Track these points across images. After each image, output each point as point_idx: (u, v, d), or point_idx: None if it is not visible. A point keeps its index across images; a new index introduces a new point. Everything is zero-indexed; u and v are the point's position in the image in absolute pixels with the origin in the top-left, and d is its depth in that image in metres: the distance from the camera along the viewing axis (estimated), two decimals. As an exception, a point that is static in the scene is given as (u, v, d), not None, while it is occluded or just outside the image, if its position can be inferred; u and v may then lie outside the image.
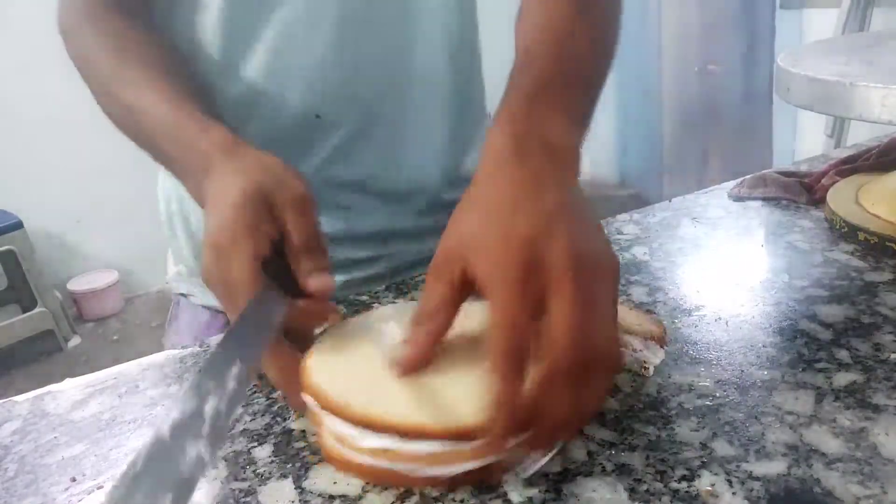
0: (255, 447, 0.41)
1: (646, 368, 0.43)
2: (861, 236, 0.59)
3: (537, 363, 0.33)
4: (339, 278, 0.67)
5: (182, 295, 0.72)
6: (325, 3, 0.59)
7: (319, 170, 0.63)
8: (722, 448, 0.36)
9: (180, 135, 0.50)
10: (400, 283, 0.61)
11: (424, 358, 0.38)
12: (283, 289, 0.42)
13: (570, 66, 0.47)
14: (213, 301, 0.64)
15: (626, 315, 0.45)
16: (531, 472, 0.35)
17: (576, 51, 0.48)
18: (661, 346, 0.43)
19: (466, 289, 0.37)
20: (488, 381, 0.33)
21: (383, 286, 0.61)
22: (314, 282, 0.42)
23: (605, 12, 0.55)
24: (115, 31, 0.58)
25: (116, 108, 0.56)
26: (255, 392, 0.46)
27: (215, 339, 0.55)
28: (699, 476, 0.35)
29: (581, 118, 0.45)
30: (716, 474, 0.35)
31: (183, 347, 0.54)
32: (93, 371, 0.52)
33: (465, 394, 0.35)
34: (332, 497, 0.36)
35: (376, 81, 0.62)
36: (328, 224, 0.63)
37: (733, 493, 0.33)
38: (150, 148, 0.53)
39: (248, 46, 0.60)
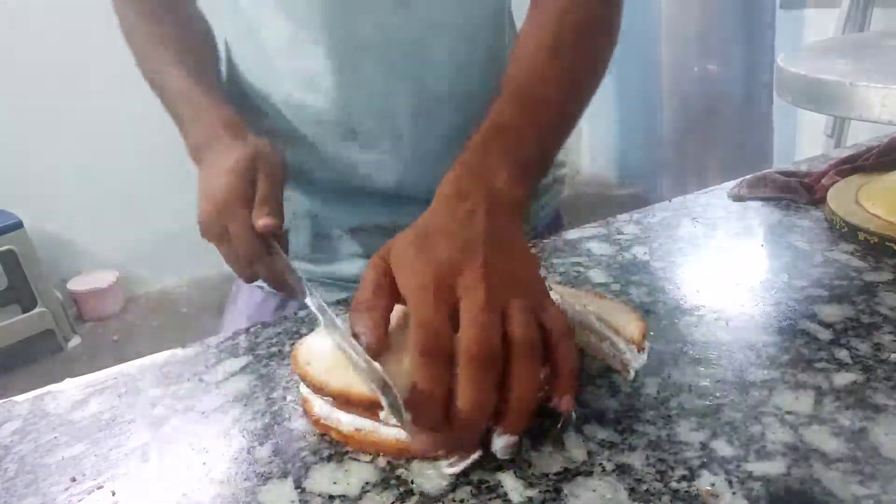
0: (255, 447, 0.41)
1: (627, 371, 0.43)
2: (861, 236, 0.59)
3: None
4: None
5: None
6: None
7: (352, 178, 0.67)
8: (722, 448, 0.36)
9: (192, 102, 0.61)
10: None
11: (379, 343, 0.38)
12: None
13: (532, 111, 0.51)
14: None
15: (615, 316, 0.45)
16: (456, 468, 0.36)
17: (543, 95, 0.52)
18: (640, 351, 0.43)
19: (394, 286, 0.40)
20: (414, 378, 0.36)
21: None
22: (261, 220, 0.52)
23: (586, 56, 0.57)
24: (153, 14, 0.67)
25: (147, 71, 0.66)
26: (254, 393, 0.47)
27: (214, 340, 0.55)
28: (699, 476, 0.35)
29: (531, 165, 0.49)
30: (716, 474, 0.35)
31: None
32: (93, 371, 0.52)
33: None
34: (331, 497, 0.36)
35: (409, 97, 0.64)
36: (372, 217, 0.70)
37: (733, 493, 0.33)
38: (169, 107, 0.63)
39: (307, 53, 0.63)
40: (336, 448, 0.40)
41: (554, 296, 0.48)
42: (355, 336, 0.39)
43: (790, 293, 0.52)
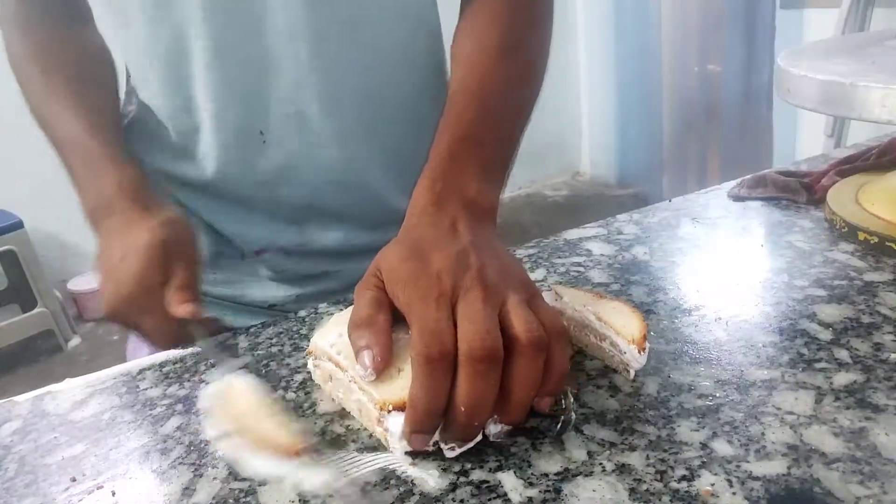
0: (255, 447, 0.41)
1: (627, 371, 0.43)
2: (861, 236, 0.59)
3: None
4: (292, 292, 0.67)
5: None
6: (262, 16, 0.57)
7: (266, 186, 0.62)
8: (722, 448, 0.36)
9: (92, 160, 0.56)
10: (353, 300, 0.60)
11: (387, 355, 0.39)
12: None
13: (493, 117, 0.52)
14: None
15: (615, 316, 0.45)
16: (456, 452, 0.37)
17: (496, 96, 0.53)
18: (641, 351, 0.43)
19: (389, 300, 0.40)
20: (413, 389, 0.36)
21: (334, 300, 0.59)
22: (181, 308, 0.51)
23: (532, 51, 0.58)
24: (46, 39, 0.61)
25: (35, 109, 0.61)
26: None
27: (214, 340, 0.55)
28: (699, 476, 0.35)
29: (496, 170, 0.51)
30: (716, 474, 0.35)
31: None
32: (93, 371, 0.52)
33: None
34: (332, 497, 0.36)
35: (317, 99, 0.60)
36: (283, 238, 0.65)
37: (733, 493, 0.33)
38: (62, 156, 0.59)
39: (185, 63, 0.58)
40: (336, 448, 0.40)
41: (553, 296, 0.49)
42: (358, 352, 0.39)
43: (790, 293, 0.52)
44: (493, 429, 0.38)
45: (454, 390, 0.36)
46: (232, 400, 0.41)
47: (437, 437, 0.37)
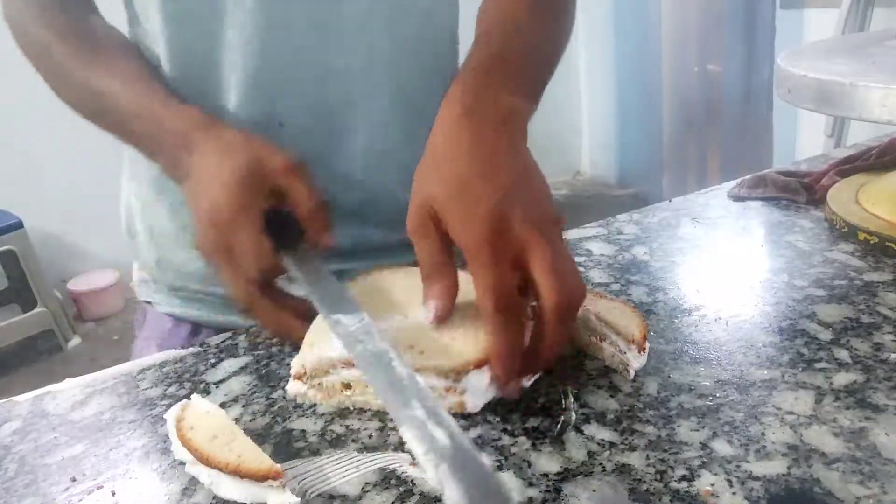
0: (255, 447, 0.41)
1: (627, 371, 0.43)
2: (861, 236, 0.59)
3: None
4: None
5: (147, 302, 0.71)
6: (288, 12, 0.57)
7: None
8: (722, 448, 0.36)
9: (154, 113, 0.52)
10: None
11: (451, 307, 0.42)
12: (283, 243, 0.48)
13: (523, 48, 0.51)
14: (175, 309, 0.67)
15: (615, 316, 0.45)
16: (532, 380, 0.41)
17: (528, 38, 0.53)
18: (641, 351, 0.43)
19: (448, 239, 0.41)
20: (488, 341, 0.38)
21: None
22: (324, 240, 0.49)
23: (557, 13, 0.59)
24: (66, 21, 0.59)
25: (78, 92, 0.57)
26: (254, 393, 0.47)
27: (214, 340, 0.55)
28: (699, 476, 0.35)
29: (530, 93, 0.49)
30: (716, 474, 0.35)
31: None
32: (93, 371, 0.52)
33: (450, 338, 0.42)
34: (332, 497, 0.36)
35: (339, 94, 0.60)
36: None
37: (733, 493, 0.33)
38: (118, 128, 0.56)
39: (210, 50, 0.58)
40: (336, 448, 0.40)
41: None
42: (427, 300, 0.42)
43: (790, 293, 0.52)
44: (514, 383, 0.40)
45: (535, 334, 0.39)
46: (196, 424, 0.40)
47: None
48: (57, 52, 0.58)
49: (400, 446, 0.39)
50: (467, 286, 0.40)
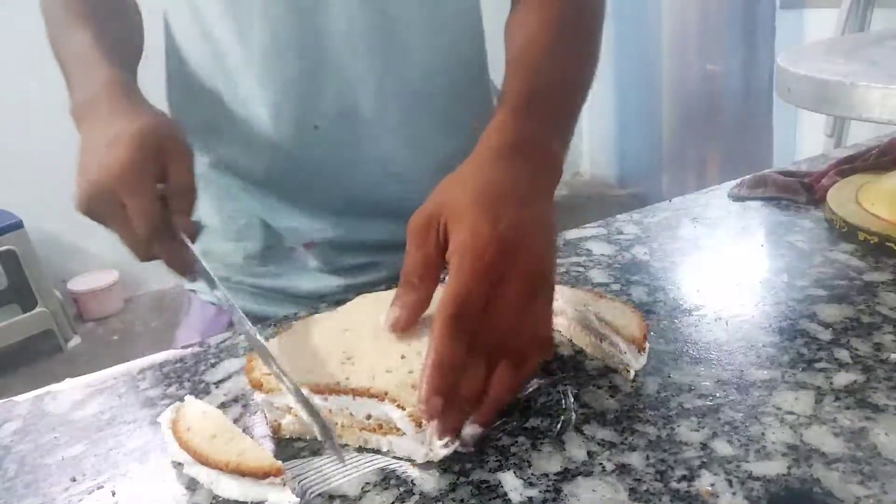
0: (255, 447, 0.41)
1: (627, 371, 0.43)
2: (861, 236, 0.59)
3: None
4: (339, 282, 0.67)
5: (192, 291, 0.74)
6: (321, 13, 0.58)
7: (317, 180, 0.64)
8: (722, 448, 0.36)
9: (89, 64, 0.55)
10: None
11: (414, 320, 0.42)
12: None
13: (552, 80, 0.52)
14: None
15: (616, 316, 0.45)
16: (441, 455, 0.37)
17: (557, 66, 0.53)
18: (641, 351, 0.43)
19: (444, 252, 0.40)
20: (430, 347, 0.36)
21: (383, 286, 0.60)
22: (180, 221, 0.49)
23: (590, 30, 0.59)
24: None
25: (54, 38, 0.60)
26: (255, 393, 0.46)
27: (214, 340, 0.55)
28: (699, 476, 0.35)
29: (563, 129, 0.51)
30: (716, 474, 0.35)
31: (184, 347, 0.54)
32: (93, 371, 0.52)
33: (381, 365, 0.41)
34: (332, 497, 0.36)
35: (372, 95, 0.61)
36: (332, 231, 0.66)
37: (733, 493, 0.33)
38: (65, 69, 0.58)
39: (246, 56, 0.60)
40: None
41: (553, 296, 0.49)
42: (393, 304, 0.42)
43: (790, 293, 0.52)
44: (442, 451, 0.37)
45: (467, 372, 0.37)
46: (193, 425, 0.40)
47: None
48: (58, 10, 0.61)
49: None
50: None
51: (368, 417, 0.39)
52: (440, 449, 0.37)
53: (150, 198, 0.47)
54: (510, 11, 0.61)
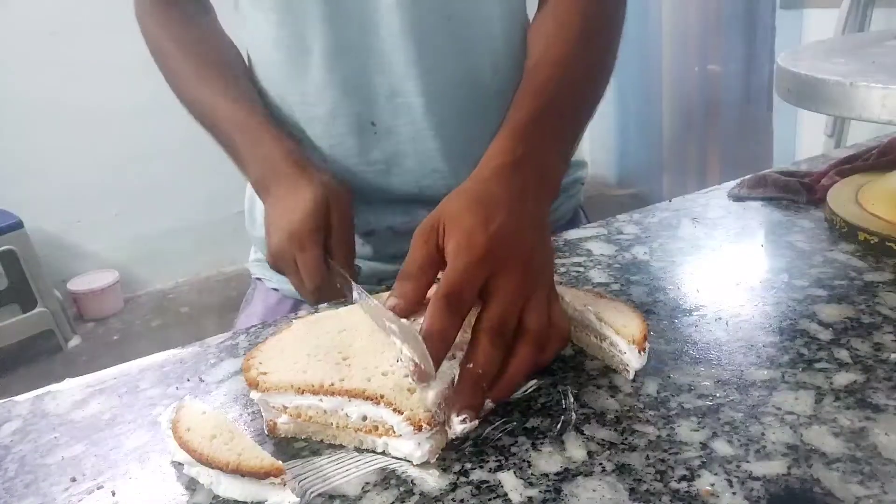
0: (255, 447, 0.41)
1: (627, 371, 0.43)
2: (861, 236, 0.59)
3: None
4: (396, 268, 0.69)
5: (258, 279, 0.78)
6: (376, 16, 0.61)
7: (375, 174, 0.67)
8: (722, 448, 0.36)
9: (253, 136, 0.61)
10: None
11: (411, 309, 0.43)
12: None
13: (570, 92, 0.56)
14: (283, 285, 0.73)
15: (615, 316, 0.45)
16: (458, 432, 0.38)
17: (575, 80, 0.57)
18: (641, 351, 0.43)
19: (443, 254, 0.43)
20: (426, 319, 0.39)
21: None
22: (342, 269, 0.55)
23: (607, 41, 0.63)
24: (176, 21, 0.67)
25: (190, 102, 0.66)
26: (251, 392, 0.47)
27: (214, 340, 0.55)
28: (699, 476, 0.35)
29: (569, 147, 0.56)
30: (716, 474, 0.35)
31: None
32: (93, 371, 0.52)
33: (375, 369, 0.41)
34: (332, 497, 0.36)
35: (427, 91, 0.64)
36: (391, 219, 0.70)
37: (733, 493, 0.33)
38: (221, 139, 0.64)
39: (303, 58, 0.63)
40: (336, 448, 0.40)
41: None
42: (391, 296, 0.43)
43: (790, 293, 0.52)
44: (459, 427, 0.37)
45: (468, 355, 0.40)
46: (193, 425, 0.40)
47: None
48: (173, 58, 0.67)
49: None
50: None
51: (364, 419, 0.39)
52: (458, 425, 0.37)
53: (317, 256, 0.56)
54: (536, 12, 0.64)
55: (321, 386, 0.40)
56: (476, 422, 0.38)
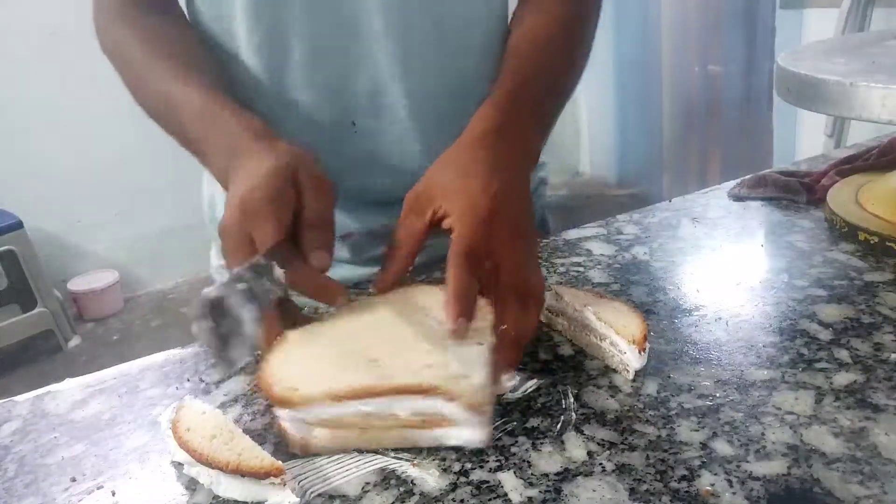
0: (255, 447, 0.41)
1: (627, 371, 0.43)
2: (861, 236, 0.59)
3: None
4: (371, 271, 0.69)
5: None
6: (358, 16, 0.60)
7: (353, 175, 0.65)
8: (722, 448, 0.36)
9: (212, 118, 0.53)
10: (433, 279, 0.60)
11: (397, 278, 0.46)
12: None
13: (546, 74, 0.58)
14: None
15: (615, 316, 0.45)
16: (509, 388, 0.43)
17: (554, 61, 0.59)
18: (641, 351, 0.43)
19: (434, 226, 0.47)
20: (448, 283, 0.42)
21: (422, 276, 0.61)
22: (315, 256, 0.45)
23: (583, 32, 0.64)
24: (145, 26, 0.63)
25: (149, 98, 0.60)
26: (255, 393, 0.46)
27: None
28: (699, 476, 0.35)
29: (542, 122, 0.57)
30: (716, 474, 0.35)
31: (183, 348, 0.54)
32: (93, 371, 0.52)
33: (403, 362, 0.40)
34: (331, 497, 0.36)
35: (411, 92, 0.63)
36: (369, 221, 0.68)
37: (733, 493, 0.33)
38: (179, 132, 0.57)
39: (283, 58, 0.61)
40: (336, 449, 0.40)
41: (553, 296, 0.49)
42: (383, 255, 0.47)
43: (790, 293, 0.52)
44: (509, 384, 0.42)
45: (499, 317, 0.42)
46: (193, 425, 0.40)
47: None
48: (135, 54, 0.61)
49: (399, 448, 0.39)
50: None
51: (415, 415, 0.38)
52: (507, 382, 0.42)
53: (276, 230, 0.44)
54: (517, 6, 0.65)
55: (362, 389, 0.38)
56: (517, 377, 0.43)
